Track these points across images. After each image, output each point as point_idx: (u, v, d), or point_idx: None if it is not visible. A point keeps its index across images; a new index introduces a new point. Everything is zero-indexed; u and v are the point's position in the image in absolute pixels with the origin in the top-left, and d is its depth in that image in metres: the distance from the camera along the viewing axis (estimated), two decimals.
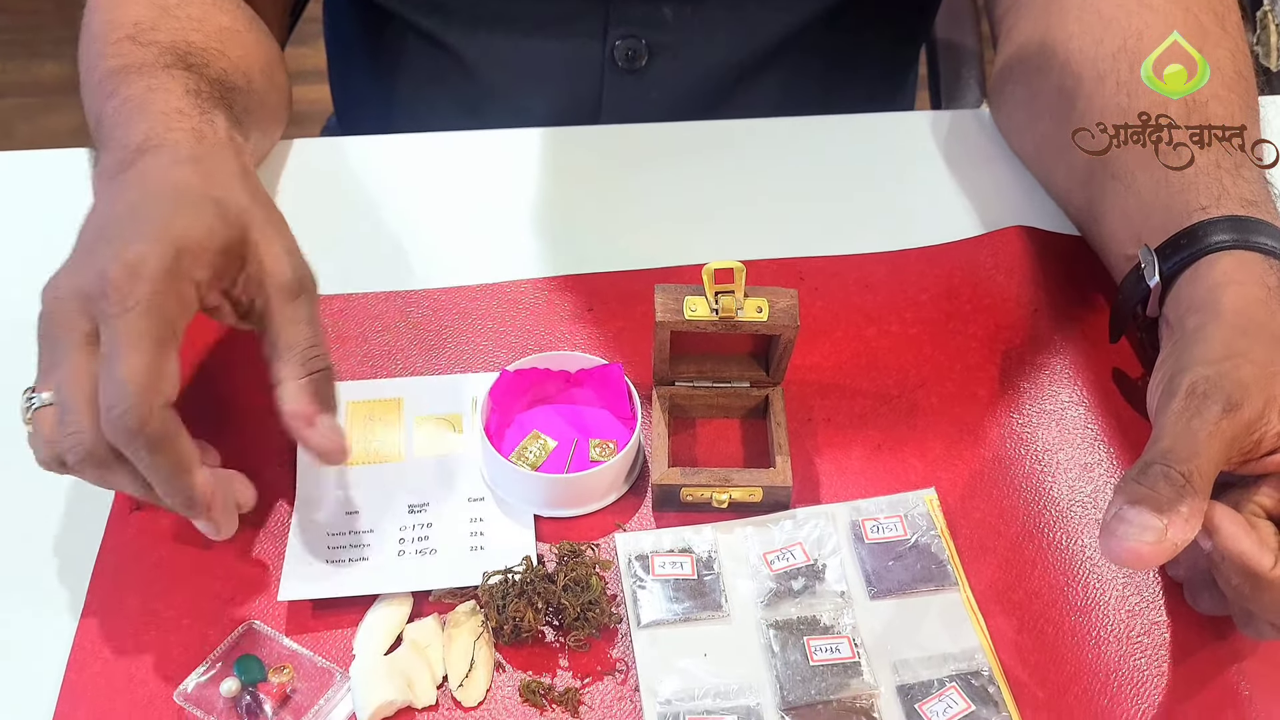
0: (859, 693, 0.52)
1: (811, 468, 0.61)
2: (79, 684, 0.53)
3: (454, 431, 0.62)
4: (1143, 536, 0.46)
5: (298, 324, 0.54)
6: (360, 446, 0.61)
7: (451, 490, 0.59)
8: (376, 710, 0.51)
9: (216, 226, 0.53)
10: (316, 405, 0.54)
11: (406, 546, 0.57)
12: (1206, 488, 0.48)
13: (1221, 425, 0.49)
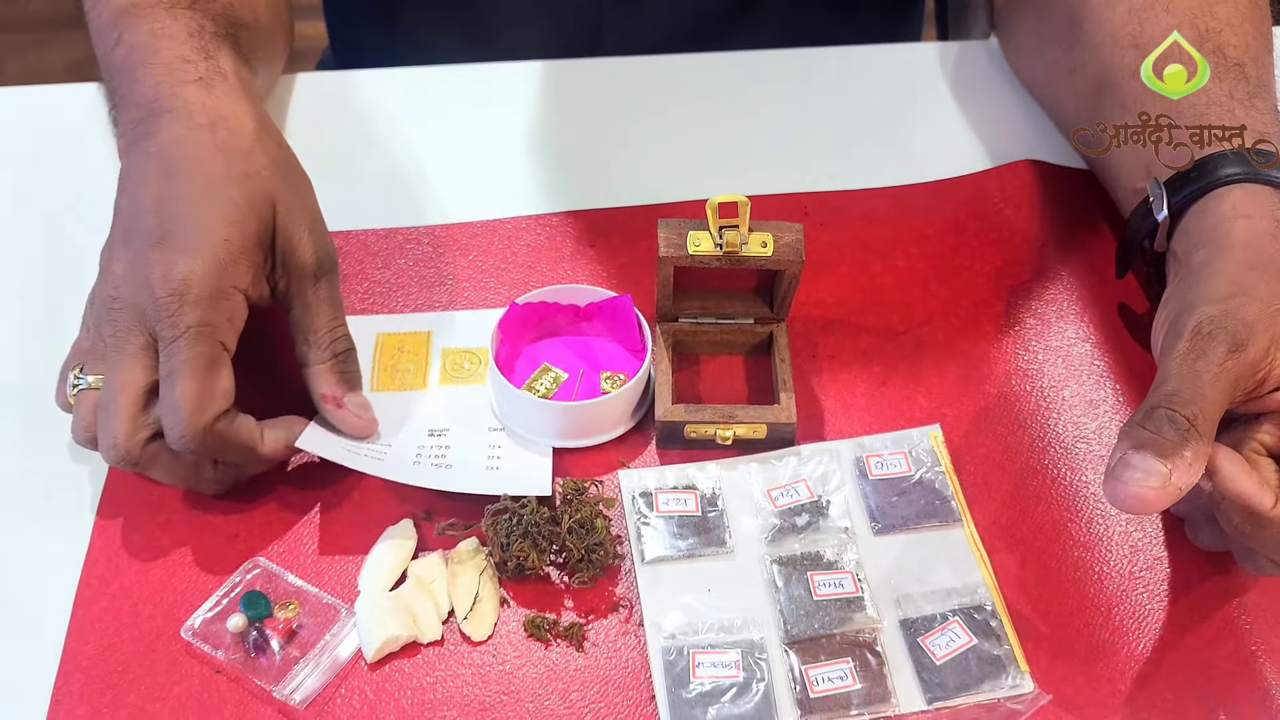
0: (862, 627, 0.53)
1: (816, 404, 0.61)
2: (86, 620, 0.53)
3: (479, 363, 0.62)
4: (1147, 482, 0.46)
5: (320, 306, 0.56)
6: (388, 374, 0.61)
7: (472, 419, 0.60)
8: (382, 645, 0.52)
9: (249, 220, 0.54)
10: (343, 386, 0.57)
11: (423, 458, 0.57)
12: (1211, 430, 0.48)
13: (1226, 366, 0.49)
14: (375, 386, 0.61)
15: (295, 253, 0.56)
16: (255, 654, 0.52)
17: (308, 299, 0.56)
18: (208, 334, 0.52)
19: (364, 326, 0.63)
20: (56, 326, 0.65)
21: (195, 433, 0.52)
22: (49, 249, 0.69)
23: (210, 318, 0.52)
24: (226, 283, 0.53)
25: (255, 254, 0.54)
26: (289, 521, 0.57)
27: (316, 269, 0.56)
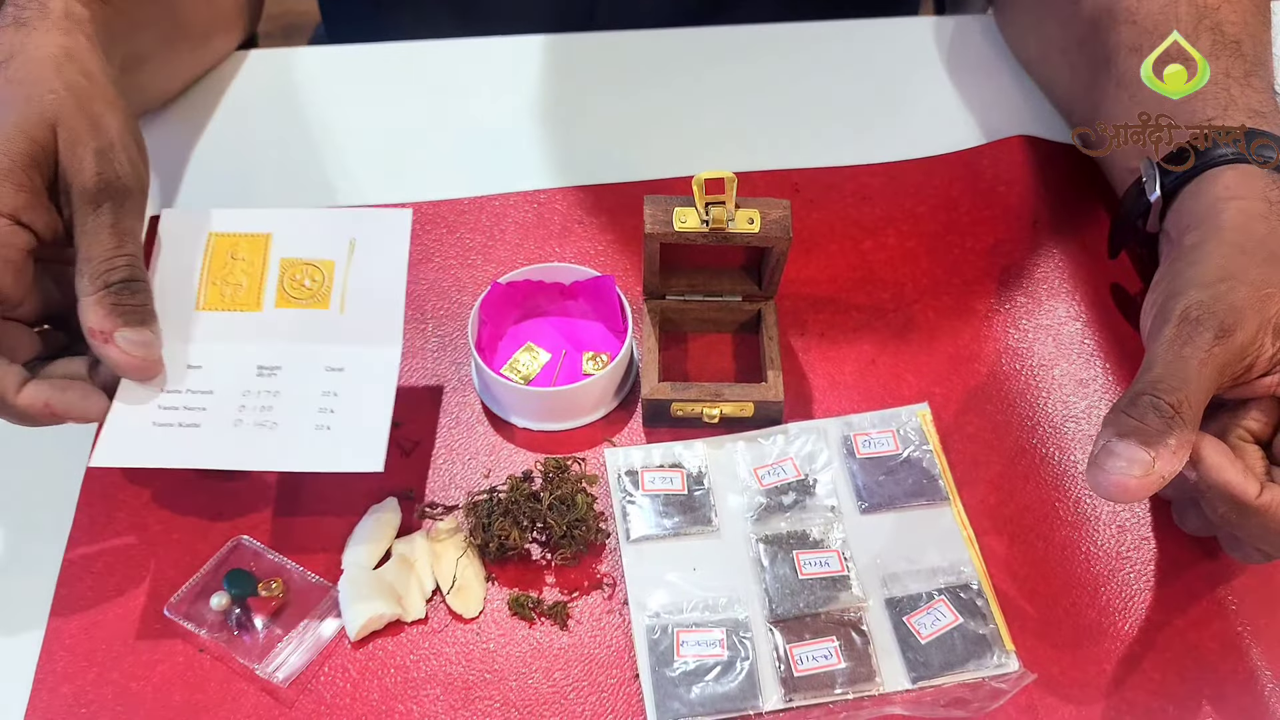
0: (848, 605, 0.52)
1: (804, 382, 0.61)
2: (70, 599, 0.53)
3: (323, 280, 0.56)
4: (1130, 470, 0.46)
5: (98, 232, 0.51)
6: (217, 288, 0.56)
7: (309, 355, 0.54)
8: (366, 623, 0.52)
9: (16, 141, 0.50)
10: (114, 319, 0.51)
11: (245, 415, 0.53)
12: (1196, 418, 0.47)
13: (1214, 352, 0.48)
14: (202, 303, 0.55)
15: (76, 176, 0.51)
16: (238, 632, 0.52)
17: (86, 224, 0.51)
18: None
19: (195, 223, 0.56)
20: None
21: None
22: None
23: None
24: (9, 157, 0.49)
25: (24, 176, 0.50)
26: (272, 499, 0.56)
27: (97, 193, 0.51)
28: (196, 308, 0.55)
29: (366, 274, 0.56)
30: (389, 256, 0.56)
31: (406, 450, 0.58)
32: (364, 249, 0.56)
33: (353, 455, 0.51)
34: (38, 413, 0.50)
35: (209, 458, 0.52)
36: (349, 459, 0.51)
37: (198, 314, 0.55)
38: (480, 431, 0.59)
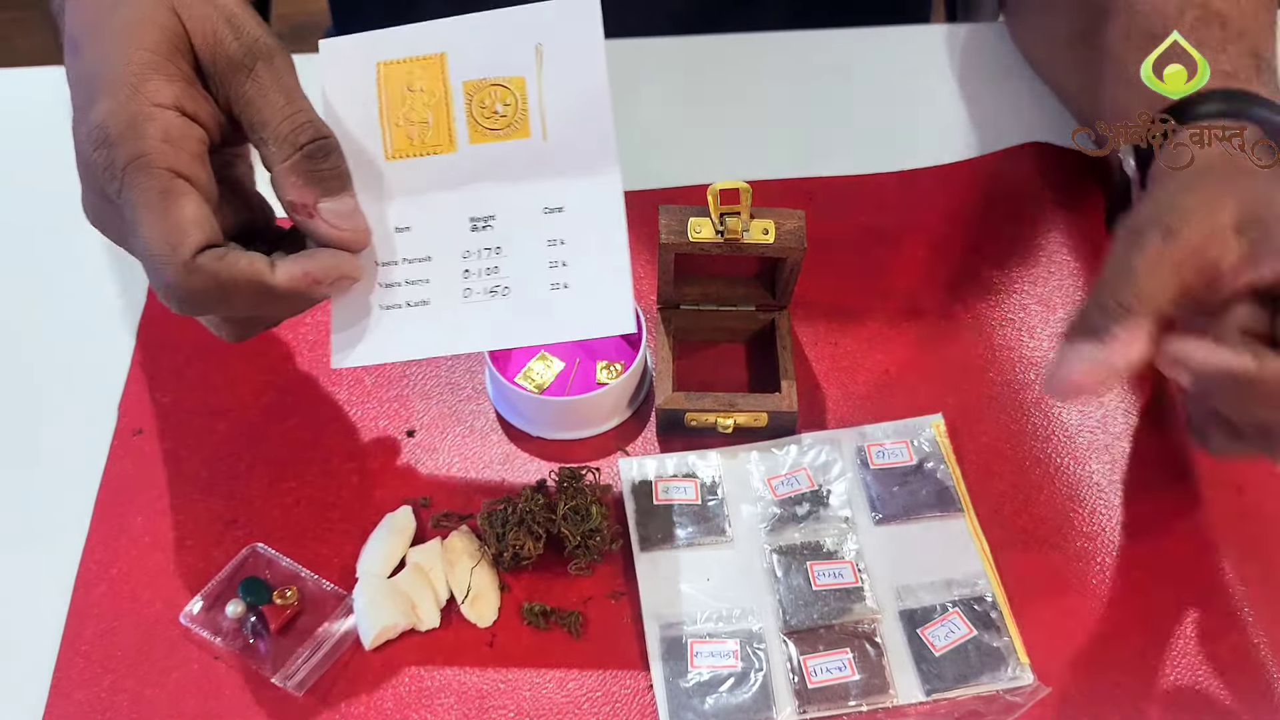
0: (861, 617, 0.52)
1: (818, 392, 0.61)
2: (86, 606, 0.53)
3: (516, 102, 0.49)
4: (1077, 364, 0.46)
5: (265, 93, 0.47)
6: (401, 130, 0.49)
7: (523, 197, 0.48)
8: (380, 632, 0.52)
9: (146, 34, 0.46)
10: (314, 189, 0.47)
11: (474, 283, 0.48)
12: (1146, 308, 0.46)
13: (1164, 253, 0.47)
14: (390, 151, 0.49)
15: (218, 48, 0.47)
16: (254, 640, 0.52)
17: (246, 91, 0.47)
18: (145, 164, 0.44)
19: (359, 52, 0.49)
20: (54, 309, 0.65)
21: (177, 278, 0.44)
22: (35, 230, 0.69)
23: (140, 146, 0.44)
24: (143, 103, 0.45)
25: (170, 64, 0.46)
26: (288, 507, 0.56)
27: (244, 57, 0.47)
28: (386, 157, 0.49)
29: (563, 85, 0.48)
30: (583, 58, 0.48)
31: (420, 458, 0.58)
32: (553, 54, 0.48)
33: (599, 317, 0.47)
34: (301, 285, 0.46)
35: (450, 342, 0.48)
36: (596, 323, 0.47)
37: (388, 164, 0.49)
38: (494, 440, 0.59)
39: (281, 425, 0.59)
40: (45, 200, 0.70)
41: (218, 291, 0.45)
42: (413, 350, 0.48)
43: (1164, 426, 0.59)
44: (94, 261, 0.67)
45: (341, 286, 0.48)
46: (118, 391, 0.61)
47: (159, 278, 0.45)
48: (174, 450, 0.58)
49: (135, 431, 0.59)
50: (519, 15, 0.48)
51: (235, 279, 0.45)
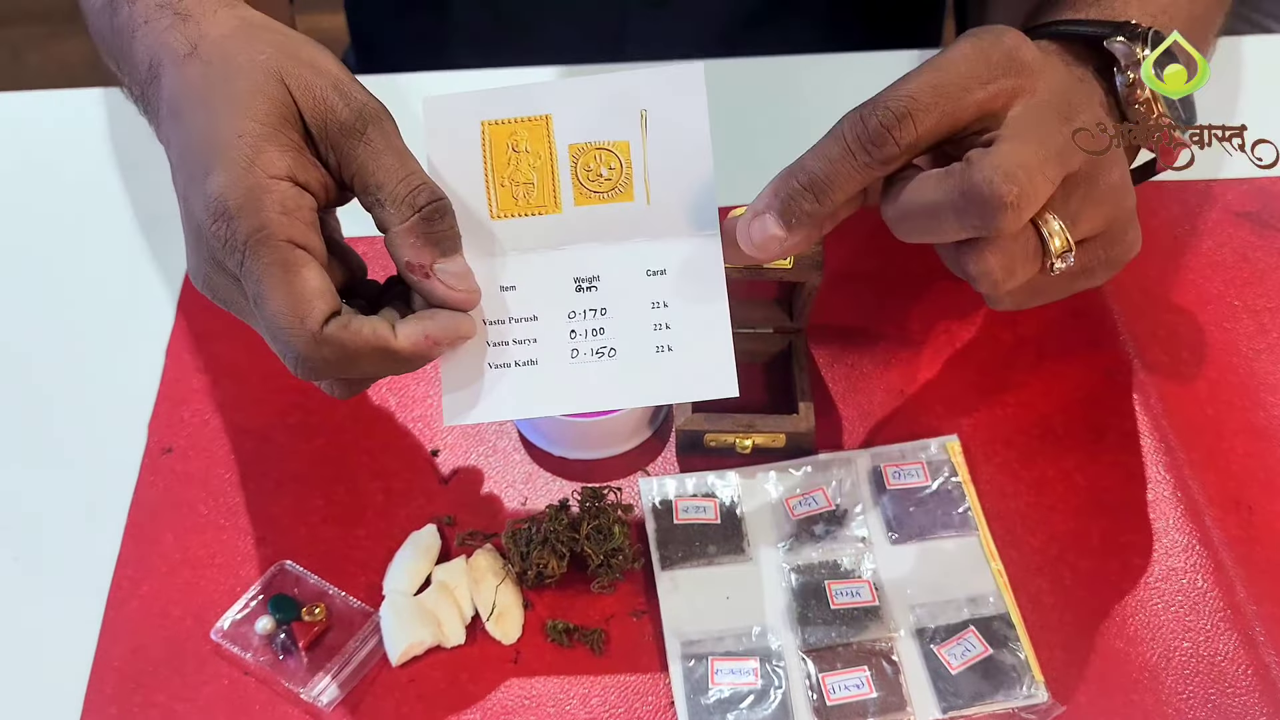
0: (878, 636, 0.53)
1: (834, 413, 0.62)
2: (118, 622, 0.55)
3: (620, 166, 0.50)
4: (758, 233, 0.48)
5: (378, 156, 0.48)
6: (507, 190, 0.50)
7: (626, 259, 0.50)
8: (407, 649, 0.53)
9: (257, 105, 0.47)
10: (431, 250, 0.48)
11: (580, 344, 0.49)
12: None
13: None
14: (496, 210, 0.50)
15: (328, 115, 0.48)
16: (283, 656, 0.53)
17: (359, 155, 0.48)
18: (267, 238, 0.45)
19: (463, 110, 0.50)
20: (84, 330, 0.67)
21: (307, 349, 0.45)
22: (67, 249, 0.70)
23: (260, 220, 0.45)
24: (260, 176, 0.46)
25: (282, 135, 0.47)
26: (315, 526, 0.58)
27: (355, 121, 0.48)
28: (491, 216, 0.50)
29: (666, 151, 0.49)
30: (687, 124, 0.49)
31: (445, 478, 0.59)
32: (658, 120, 0.49)
33: (701, 379, 0.49)
34: (420, 349, 0.47)
35: (560, 403, 0.49)
36: (699, 385, 0.49)
37: (494, 223, 0.50)
38: (517, 460, 0.60)
39: (309, 445, 0.60)
40: (77, 220, 0.72)
41: (345, 359, 0.46)
42: (524, 410, 0.50)
43: (1176, 447, 0.60)
44: (122, 283, 0.68)
45: (456, 345, 0.49)
46: (148, 411, 0.62)
47: (288, 349, 0.46)
48: (203, 469, 0.60)
49: (165, 450, 0.60)
50: (625, 80, 0.49)
51: (361, 346, 0.46)
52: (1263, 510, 0.58)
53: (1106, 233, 0.50)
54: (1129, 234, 0.51)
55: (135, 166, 0.74)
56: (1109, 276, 0.52)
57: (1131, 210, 0.51)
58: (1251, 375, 0.63)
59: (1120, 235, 0.51)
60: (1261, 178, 0.72)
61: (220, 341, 0.64)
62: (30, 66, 2.16)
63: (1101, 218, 0.49)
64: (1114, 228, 0.50)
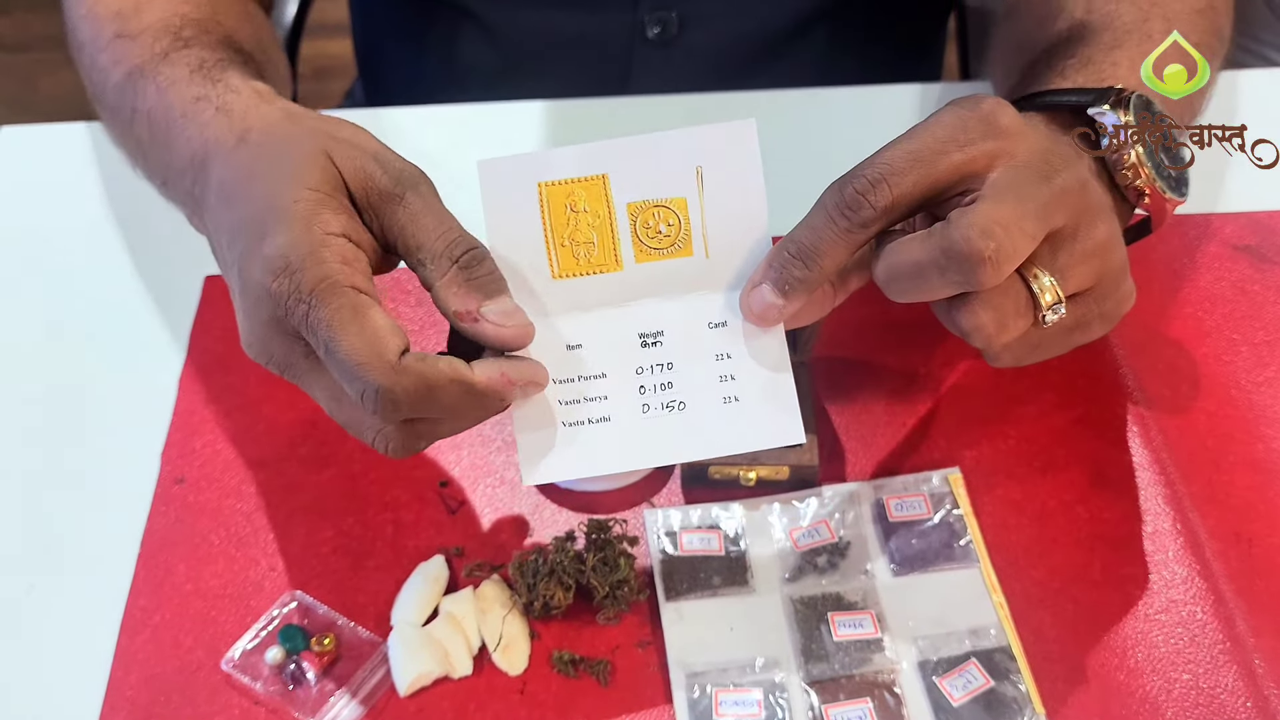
0: (881, 668, 0.54)
1: (837, 445, 0.62)
2: (130, 651, 0.55)
3: (679, 223, 0.51)
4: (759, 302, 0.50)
5: (418, 218, 0.49)
6: (568, 249, 0.51)
7: (688, 313, 0.51)
8: (415, 679, 0.53)
9: (309, 174, 0.49)
10: (475, 296, 0.49)
11: (650, 399, 0.51)
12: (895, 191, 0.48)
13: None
14: (557, 270, 0.51)
15: (370, 182, 0.50)
16: (293, 686, 0.54)
17: (400, 219, 0.49)
18: (333, 285, 0.47)
19: (519, 172, 0.51)
20: (97, 363, 0.68)
21: (388, 379, 0.46)
22: (80, 280, 0.71)
23: (324, 270, 0.47)
24: (319, 232, 0.48)
25: (334, 200, 0.49)
26: (325, 556, 0.58)
27: (395, 187, 0.50)
28: (553, 276, 0.51)
29: (723, 205, 0.51)
30: (742, 179, 0.51)
31: (453, 509, 0.60)
32: (713, 176, 0.51)
33: (770, 428, 0.50)
34: (496, 384, 0.48)
35: (636, 458, 0.51)
36: (768, 434, 0.50)
37: (555, 283, 0.51)
38: (524, 492, 0.61)
39: (319, 476, 0.61)
40: (90, 252, 0.73)
41: (425, 391, 0.47)
42: (600, 466, 0.51)
43: (1177, 481, 0.61)
44: (135, 314, 0.69)
45: (530, 391, 0.50)
46: (160, 441, 0.63)
47: (367, 384, 0.46)
48: (215, 499, 0.61)
49: (177, 480, 0.61)
50: (679, 139, 0.50)
51: (439, 377, 0.47)
52: (1263, 543, 0.58)
53: (1098, 287, 0.51)
54: (1121, 288, 0.53)
55: (150, 198, 0.75)
56: (1106, 330, 0.53)
57: (1122, 265, 0.52)
58: (1251, 408, 0.64)
59: (1112, 289, 0.52)
60: (1259, 211, 0.73)
61: (232, 373, 0.65)
62: (43, 92, 2.18)
63: (1091, 273, 0.50)
64: (1105, 282, 0.51)
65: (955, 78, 1.07)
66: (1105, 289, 0.52)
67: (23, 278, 0.72)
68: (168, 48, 0.60)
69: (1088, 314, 0.51)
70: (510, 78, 0.87)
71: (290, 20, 1.01)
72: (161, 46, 0.61)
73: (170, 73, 0.59)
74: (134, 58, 0.61)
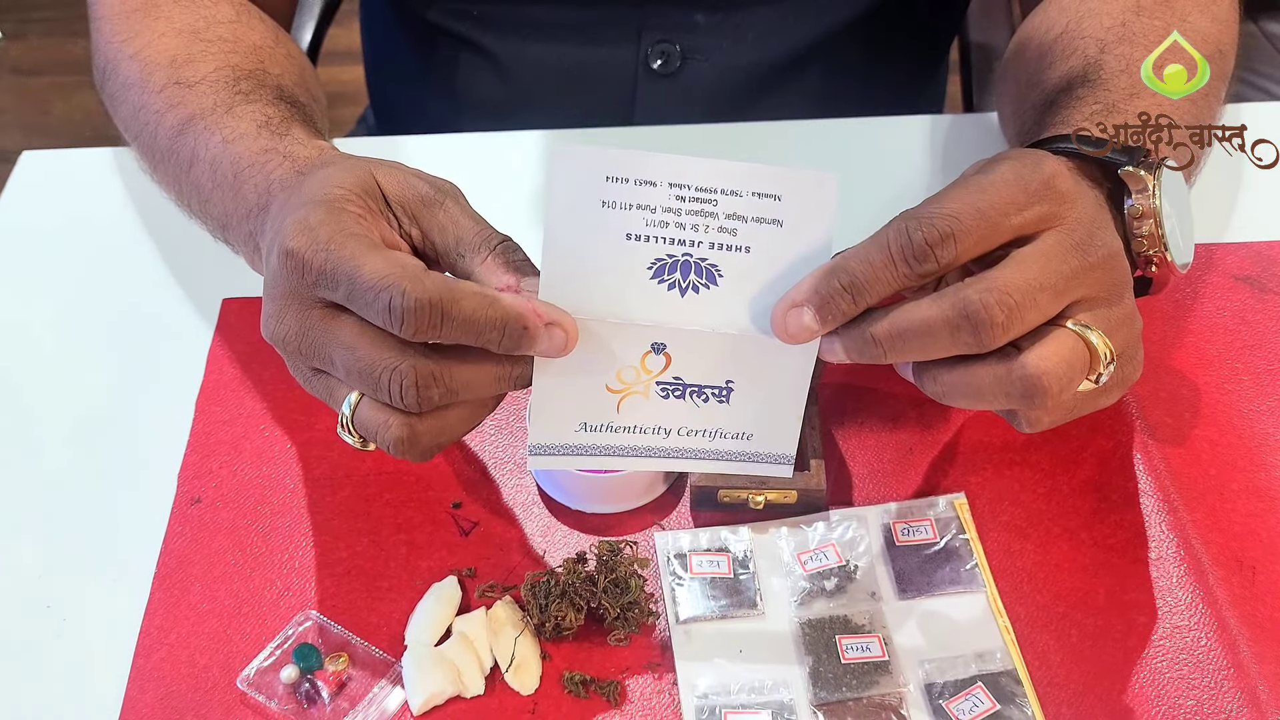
0: (888, 691, 0.55)
1: (844, 470, 0.63)
2: (147, 669, 0.56)
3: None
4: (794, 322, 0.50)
5: (457, 219, 0.52)
6: None
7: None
8: (428, 699, 0.54)
9: (346, 179, 0.52)
10: (513, 274, 0.50)
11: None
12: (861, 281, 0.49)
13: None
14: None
15: (409, 191, 0.52)
16: (307, 705, 0.55)
17: (441, 220, 0.52)
18: (351, 233, 0.48)
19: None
20: (116, 385, 0.69)
21: (413, 285, 0.46)
22: (96, 302, 0.72)
23: (343, 223, 0.49)
24: (341, 203, 0.50)
25: (364, 201, 0.51)
26: (339, 576, 0.59)
27: (435, 194, 0.52)
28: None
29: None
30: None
31: (466, 530, 0.61)
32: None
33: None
34: (524, 309, 0.48)
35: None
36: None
37: None
38: (536, 513, 0.62)
39: (333, 497, 0.62)
40: (106, 273, 0.74)
41: (449, 298, 0.47)
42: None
43: (1180, 507, 0.61)
44: (152, 337, 0.70)
45: (555, 338, 0.49)
46: (177, 462, 0.64)
47: (393, 290, 0.46)
48: (231, 519, 0.61)
49: (194, 501, 0.62)
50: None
51: (464, 287, 0.48)
52: (1266, 570, 0.59)
53: (1124, 353, 0.53)
54: (1137, 356, 0.55)
55: (167, 223, 0.76)
56: (1119, 396, 0.55)
57: (1140, 333, 0.54)
58: (1253, 437, 0.64)
59: (1133, 355, 0.54)
60: (1259, 242, 0.74)
61: (249, 395, 0.66)
62: (56, 114, 2.21)
63: (1121, 338, 0.52)
64: (1129, 349, 0.53)
65: (959, 109, 1.09)
66: (1128, 354, 0.53)
67: (42, 300, 0.73)
68: (230, 101, 0.63)
69: (1114, 377, 0.53)
70: (517, 109, 0.88)
71: (305, 47, 1.03)
72: (222, 99, 0.64)
73: (236, 125, 0.62)
74: (191, 105, 0.64)
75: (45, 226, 0.78)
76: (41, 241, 0.77)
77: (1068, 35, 0.68)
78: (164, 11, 0.69)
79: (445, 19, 0.87)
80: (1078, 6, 0.70)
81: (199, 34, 0.68)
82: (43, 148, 0.84)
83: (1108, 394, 0.54)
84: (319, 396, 0.53)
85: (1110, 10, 0.67)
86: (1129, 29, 0.66)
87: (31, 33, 2.29)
